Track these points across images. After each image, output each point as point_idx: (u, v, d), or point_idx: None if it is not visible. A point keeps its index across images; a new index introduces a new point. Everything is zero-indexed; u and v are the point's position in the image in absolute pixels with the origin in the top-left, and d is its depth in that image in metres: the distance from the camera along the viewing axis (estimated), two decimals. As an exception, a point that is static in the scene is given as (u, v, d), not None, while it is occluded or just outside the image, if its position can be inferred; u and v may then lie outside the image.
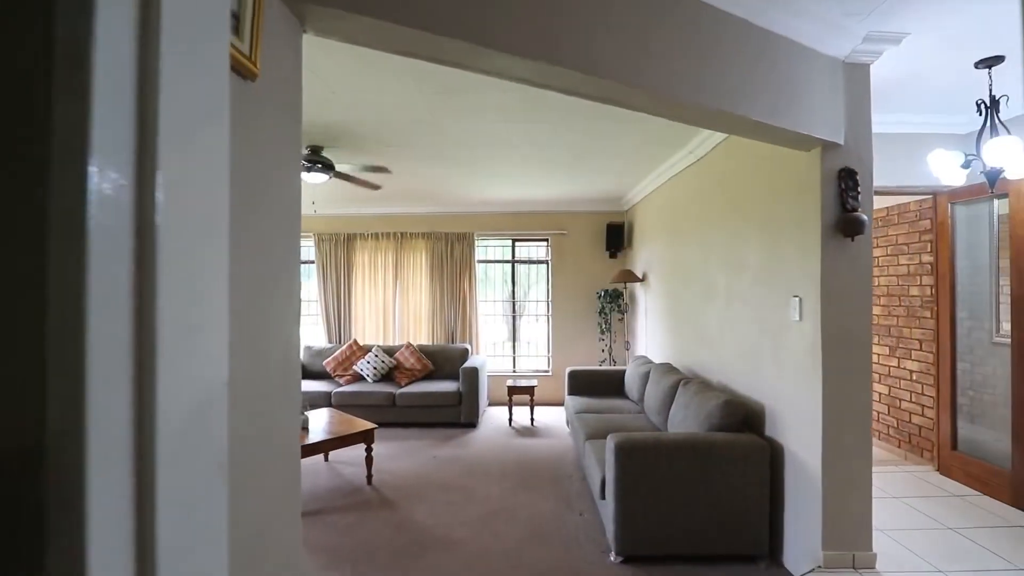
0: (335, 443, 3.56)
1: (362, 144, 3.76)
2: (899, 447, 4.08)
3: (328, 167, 3.84)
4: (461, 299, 6.20)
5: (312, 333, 6.55)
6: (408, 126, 3.36)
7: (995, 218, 3.29)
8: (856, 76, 2.36)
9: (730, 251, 3.31)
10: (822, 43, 2.23)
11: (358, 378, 5.55)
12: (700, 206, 3.84)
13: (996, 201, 3.29)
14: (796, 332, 2.54)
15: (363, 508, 3.26)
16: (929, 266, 3.75)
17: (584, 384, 4.91)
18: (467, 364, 5.32)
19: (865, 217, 2.27)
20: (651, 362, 4.50)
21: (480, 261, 6.48)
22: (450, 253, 6.21)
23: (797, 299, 2.52)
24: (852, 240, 2.33)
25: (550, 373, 6.34)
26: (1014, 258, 3.03)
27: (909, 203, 3.95)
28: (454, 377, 5.55)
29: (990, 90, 2.53)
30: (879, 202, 4.26)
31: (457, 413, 5.18)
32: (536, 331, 6.74)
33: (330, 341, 6.26)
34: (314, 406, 4.80)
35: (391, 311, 6.28)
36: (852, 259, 2.35)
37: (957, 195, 3.43)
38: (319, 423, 3.90)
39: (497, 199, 5.97)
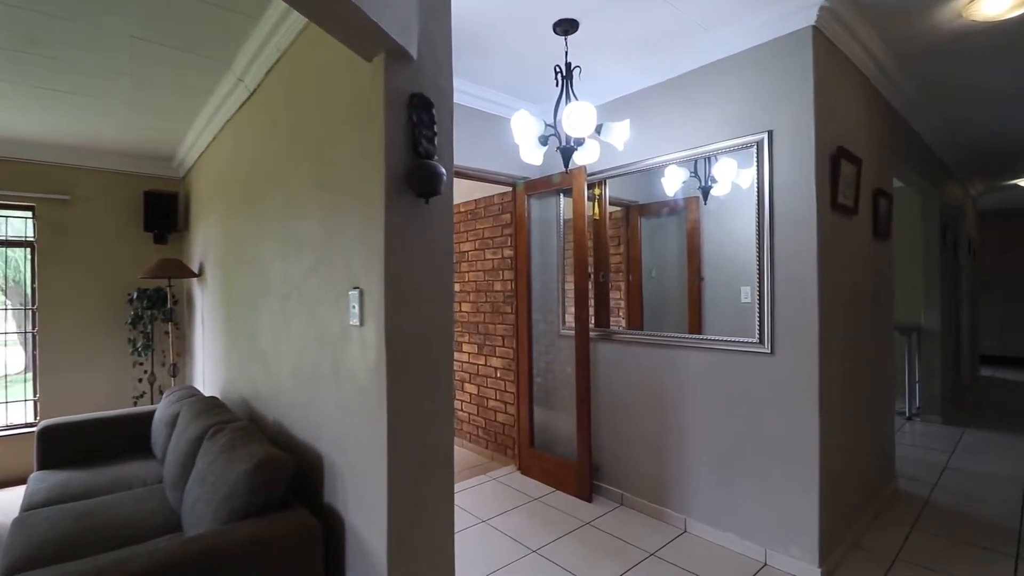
0: None
1: None
2: (487, 448, 3.93)
3: None
4: None
5: None
6: None
7: (561, 214, 3.36)
8: (432, -35, 1.62)
9: (286, 223, 2.22)
10: None
11: None
12: (255, 161, 2.63)
13: (563, 198, 3.35)
14: (357, 341, 1.64)
15: None
16: (510, 260, 3.66)
17: (74, 447, 2.95)
18: None
19: (443, 170, 1.54)
20: (194, 395, 2.99)
21: None
22: None
23: (357, 292, 1.62)
24: (427, 203, 1.57)
25: (37, 428, 3.84)
26: (575, 252, 3.07)
27: (494, 196, 3.82)
28: None
29: (566, 56, 2.28)
30: (468, 192, 4.05)
31: None
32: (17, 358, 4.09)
33: None
34: None
35: None
36: (427, 230, 1.59)
37: (533, 187, 3.38)
38: None
39: None
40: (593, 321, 3.14)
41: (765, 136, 2.29)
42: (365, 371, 1.59)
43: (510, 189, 3.55)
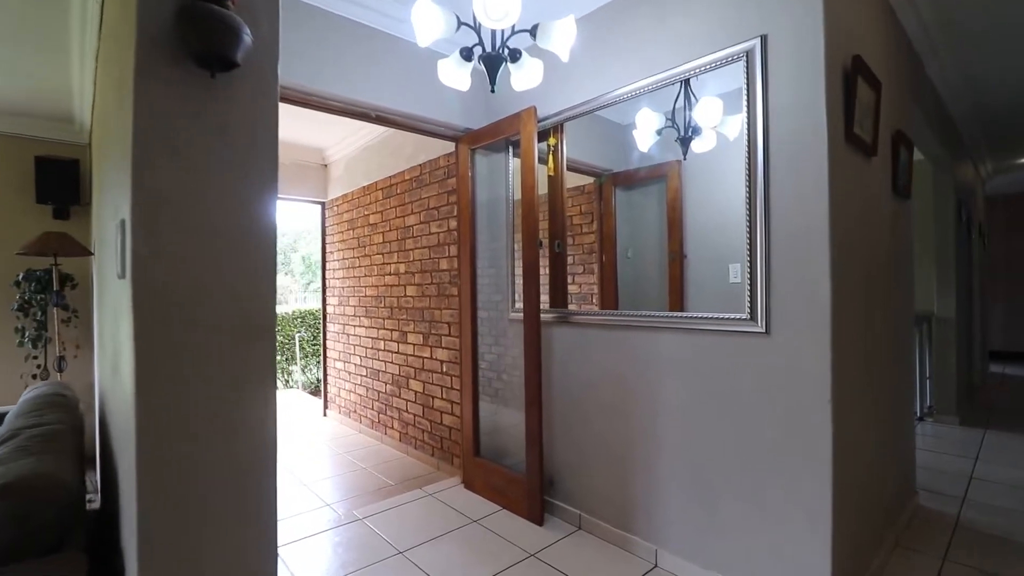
0: None
1: None
2: (432, 455, 3.34)
3: None
4: None
5: None
6: None
7: (511, 172, 2.78)
8: None
9: (114, 160, 1.64)
10: None
11: None
12: (113, 101, 2.04)
13: (513, 156, 2.78)
14: (124, 303, 1.05)
15: None
16: (456, 234, 3.08)
17: None
18: None
19: (240, 21, 0.95)
20: (50, 392, 2.39)
21: None
22: None
23: (120, 223, 1.04)
24: (213, 77, 0.99)
25: None
26: (524, 215, 2.49)
27: (439, 158, 3.24)
28: None
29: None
30: (413, 155, 3.48)
31: None
32: None
33: None
34: None
35: None
36: (224, 124, 1.01)
37: (477, 139, 2.80)
38: None
39: None
40: (548, 302, 2.56)
41: (757, 43, 1.72)
42: (124, 348, 1.01)
43: (452, 145, 2.97)
